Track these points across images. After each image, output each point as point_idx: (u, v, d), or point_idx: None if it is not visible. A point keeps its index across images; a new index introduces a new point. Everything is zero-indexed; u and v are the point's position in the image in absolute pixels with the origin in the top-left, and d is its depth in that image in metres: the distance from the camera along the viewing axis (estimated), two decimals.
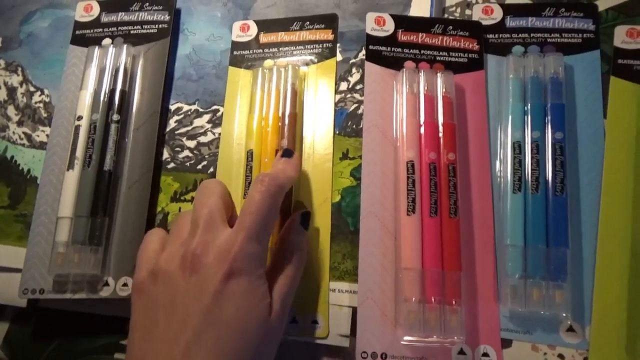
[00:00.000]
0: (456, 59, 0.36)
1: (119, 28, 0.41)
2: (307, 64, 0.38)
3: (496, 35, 0.37)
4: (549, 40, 0.36)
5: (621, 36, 0.35)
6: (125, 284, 0.34)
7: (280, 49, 0.39)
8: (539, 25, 0.37)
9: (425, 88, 0.34)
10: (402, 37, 0.37)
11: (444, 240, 0.31)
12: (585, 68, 0.35)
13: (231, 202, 0.30)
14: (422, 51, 0.37)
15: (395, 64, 0.36)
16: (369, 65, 0.36)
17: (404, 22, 0.38)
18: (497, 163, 0.34)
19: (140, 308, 0.27)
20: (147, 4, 0.42)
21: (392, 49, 0.37)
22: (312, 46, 0.38)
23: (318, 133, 0.36)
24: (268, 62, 0.38)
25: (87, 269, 0.34)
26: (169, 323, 0.25)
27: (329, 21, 0.39)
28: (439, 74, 0.35)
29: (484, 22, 0.37)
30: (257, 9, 0.41)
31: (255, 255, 0.26)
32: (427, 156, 0.32)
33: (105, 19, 0.42)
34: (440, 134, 0.33)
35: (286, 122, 0.34)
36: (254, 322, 0.25)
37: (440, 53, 0.37)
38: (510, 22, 0.37)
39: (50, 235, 0.35)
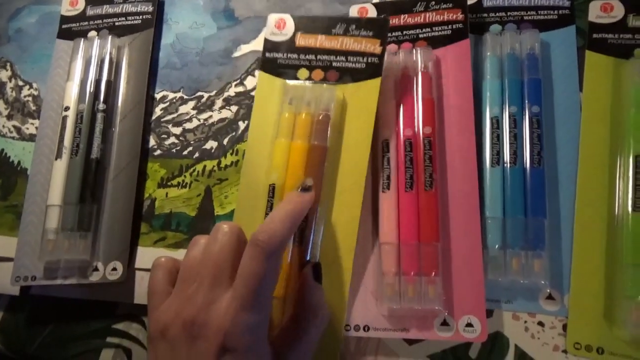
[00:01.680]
0: (440, 33, 0.36)
1: (104, 20, 0.42)
2: (345, 82, 0.33)
3: (474, 15, 0.38)
4: (525, 18, 0.37)
5: (595, 11, 0.36)
6: (114, 269, 0.35)
7: (319, 56, 0.34)
8: (515, 4, 0.37)
9: (405, 66, 0.35)
10: None
11: (421, 213, 0.31)
12: (561, 43, 0.36)
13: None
14: (404, 32, 0.37)
15: None
16: None
17: (386, 8, 0.38)
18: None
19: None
20: None
21: None
22: (355, 59, 0.34)
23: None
24: (303, 72, 0.34)
25: (76, 254, 0.34)
26: None
27: (379, 28, 0.34)
28: (418, 50, 0.35)
29: None
30: None
31: (251, 327, 0.25)
32: (403, 133, 0.33)
33: (90, 12, 0.43)
34: (420, 109, 0.33)
35: (313, 156, 0.31)
36: None
37: (423, 30, 0.36)
38: (488, 2, 0.38)
39: (41, 223, 0.36)
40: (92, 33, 0.42)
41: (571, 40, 0.36)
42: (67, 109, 0.37)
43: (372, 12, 0.38)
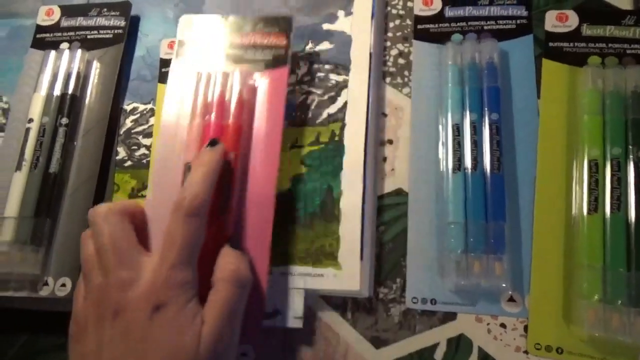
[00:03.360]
0: (262, 57, 0.36)
1: (77, 33, 0.42)
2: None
3: (436, 25, 0.39)
4: (485, 27, 0.38)
5: (551, 20, 0.37)
6: (63, 284, 0.35)
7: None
8: (475, 14, 0.38)
9: (219, 90, 0.34)
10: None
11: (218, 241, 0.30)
12: (519, 52, 0.37)
13: (138, 213, 0.30)
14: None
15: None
16: None
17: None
18: (440, 145, 0.35)
19: (74, 353, 0.27)
20: (105, 9, 0.43)
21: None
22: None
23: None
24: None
25: (28, 268, 0.34)
26: None
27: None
28: (236, 74, 0.34)
29: (425, 13, 0.39)
30: (208, 8, 0.43)
31: (182, 283, 0.26)
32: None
33: (65, 23, 0.43)
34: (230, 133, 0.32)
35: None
36: (183, 349, 0.25)
37: (247, 52, 0.36)
38: (449, 12, 0.39)
39: None
40: (64, 45, 0.42)
41: (529, 49, 0.37)
42: (30, 121, 0.38)
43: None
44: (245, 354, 0.30)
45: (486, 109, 0.34)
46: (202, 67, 0.36)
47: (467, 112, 0.34)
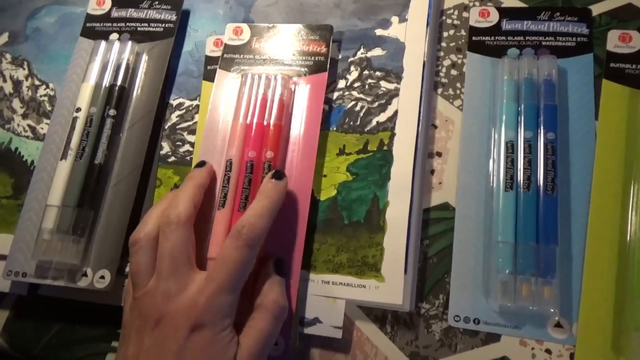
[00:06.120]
0: (303, 63, 0.37)
1: (127, 24, 0.42)
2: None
3: (492, 38, 0.38)
4: (543, 43, 0.37)
5: (614, 40, 0.36)
6: (102, 277, 0.35)
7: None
8: (534, 29, 0.38)
9: (262, 92, 0.35)
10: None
11: None
12: (578, 71, 0.36)
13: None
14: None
15: None
16: None
17: (257, 32, 0.39)
18: (490, 162, 0.34)
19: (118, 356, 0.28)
20: (157, 2, 0.43)
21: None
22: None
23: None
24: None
25: (67, 258, 0.34)
26: None
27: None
28: (277, 78, 0.36)
29: (481, 25, 0.38)
30: (258, 8, 0.42)
31: (223, 307, 0.27)
32: (246, 154, 0.33)
33: (115, 14, 0.43)
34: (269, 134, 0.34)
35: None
36: None
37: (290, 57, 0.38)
38: (506, 25, 0.38)
39: (39, 221, 0.36)
40: (114, 35, 0.42)
41: (588, 68, 0.36)
42: (78, 110, 0.38)
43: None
44: (276, 343, 0.31)
45: (542, 127, 0.33)
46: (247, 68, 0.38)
47: (522, 130, 0.34)
